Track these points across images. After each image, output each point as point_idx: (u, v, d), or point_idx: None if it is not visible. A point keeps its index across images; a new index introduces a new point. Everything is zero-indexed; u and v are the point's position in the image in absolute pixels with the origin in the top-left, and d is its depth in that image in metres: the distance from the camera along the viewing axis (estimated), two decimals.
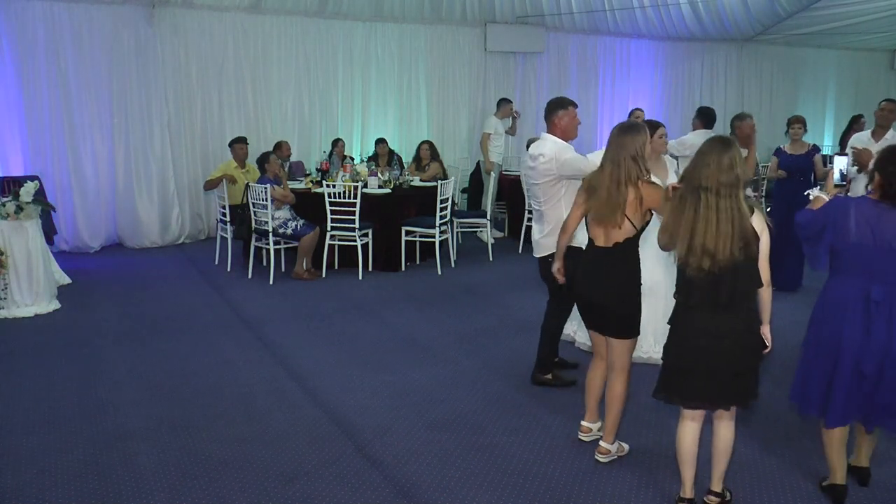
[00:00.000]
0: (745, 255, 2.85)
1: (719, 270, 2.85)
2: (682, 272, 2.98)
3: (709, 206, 2.84)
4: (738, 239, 2.83)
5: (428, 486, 3.43)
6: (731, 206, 2.84)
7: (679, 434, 3.17)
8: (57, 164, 8.23)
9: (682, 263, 2.94)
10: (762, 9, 11.27)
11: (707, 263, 2.84)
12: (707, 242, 2.83)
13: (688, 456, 3.15)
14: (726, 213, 2.83)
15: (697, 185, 2.88)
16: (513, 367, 4.94)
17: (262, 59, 9.32)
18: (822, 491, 3.38)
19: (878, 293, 3.01)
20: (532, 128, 11.10)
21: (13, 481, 3.44)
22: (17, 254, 5.95)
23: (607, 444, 3.66)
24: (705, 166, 2.87)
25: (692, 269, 2.89)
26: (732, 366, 2.96)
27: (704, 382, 2.99)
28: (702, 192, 2.86)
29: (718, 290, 2.89)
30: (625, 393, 3.60)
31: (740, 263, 2.85)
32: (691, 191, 2.91)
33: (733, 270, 2.86)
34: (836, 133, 13.68)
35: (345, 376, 4.74)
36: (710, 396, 3.02)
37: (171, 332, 5.62)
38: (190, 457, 3.67)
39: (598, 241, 3.50)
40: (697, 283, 2.92)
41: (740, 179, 2.86)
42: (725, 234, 2.82)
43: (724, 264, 2.83)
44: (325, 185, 7.09)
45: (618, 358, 3.57)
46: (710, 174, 2.85)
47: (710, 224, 2.83)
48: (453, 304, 6.42)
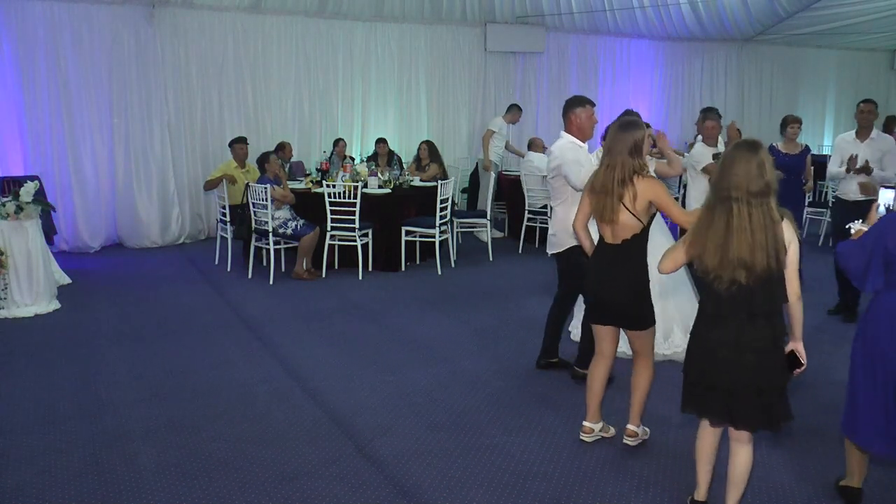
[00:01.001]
0: (778, 265, 2.74)
1: (753, 283, 2.74)
2: (710, 285, 2.84)
3: (741, 217, 2.71)
4: (772, 249, 2.71)
5: (428, 486, 3.43)
6: (764, 215, 2.72)
7: (699, 434, 3.10)
8: (57, 164, 8.23)
9: (714, 277, 2.80)
10: (762, 9, 11.28)
11: (743, 276, 2.73)
12: (743, 254, 2.71)
13: (705, 457, 3.09)
14: (760, 223, 2.71)
15: (727, 195, 2.75)
16: (513, 367, 4.94)
17: (262, 59, 9.32)
18: (836, 490, 3.36)
19: None
20: (532, 127, 11.11)
21: (13, 481, 3.44)
22: (17, 254, 5.95)
23: (634, 426, 3.76)
24: (733, 175, 2.74)
25: (724, 282, 2.77)
26: (756, 382, 2.82)
27: (727, 399, 2.87)
28: (733, 202, 2.73)
29: (752, 302, 2.78)
30: (651, 377, 3.70)
31: (774, 274, 2.74)
32: (721, 201, 2.77)
33: (766, 281, 2.75)
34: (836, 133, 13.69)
35: (345, 376, 4.75)
36: (734, 414, 2.89)
37: (171, 332, 5.62)
38: (190, 457, 3.67)
39: (607, 239, 3.57)
40: (728, 296, 2.80)
41: (771, 186, 2.74)
42: (761, 245, 2.70)
43: (759, 276, 2.73)
44: (325, 185, 7.09)
45: (641, 346, 3.68)
46: (739, 184, 2.72)
47: (744, 235, 2.70)
48: (453, 304, 6.42)
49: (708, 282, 2.84)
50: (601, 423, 3.91)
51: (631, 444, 3.76)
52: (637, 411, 3.75)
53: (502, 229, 9.66)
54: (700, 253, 2.83)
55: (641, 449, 3.79)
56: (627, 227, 3.46)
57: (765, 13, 11.41)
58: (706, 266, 2.81)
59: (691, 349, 3.00)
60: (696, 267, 2.91)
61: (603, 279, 3.61)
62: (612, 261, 3.57)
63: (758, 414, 2.87)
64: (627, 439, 3.77)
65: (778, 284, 2.79)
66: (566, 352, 5.23)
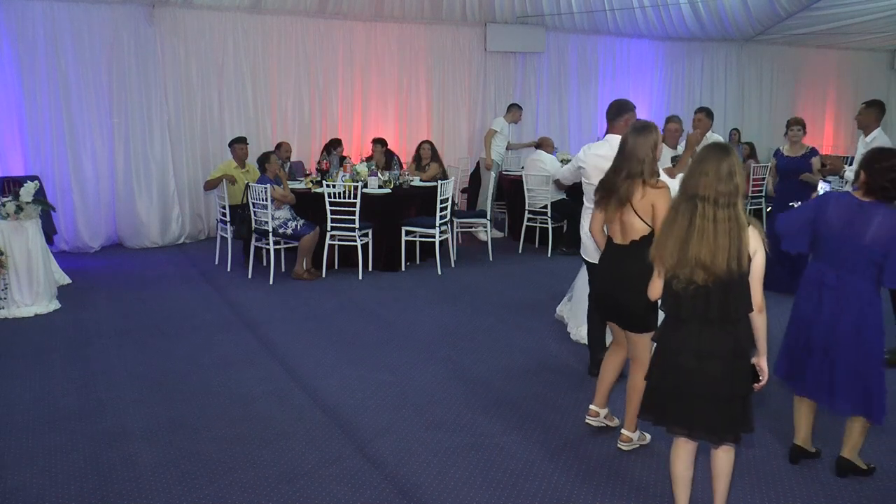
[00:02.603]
0: (739, 269, 2.69)
1: (712, 284, 2.70)
2: (668, 285, 2.83)
3: (705, 217, 2.68)
4: (734, 252, 2.66)
5: (428, 486, 3.43)
6: (730, 217, 2.68)
7: (672, 457, 3.02)
8: (57, 164, 8.23)
9: (671, 276, 2.78)
10: (762, 9, 11.28)
11: (700, 276, 2.70)
12: (702, 255, 2.67)
13: (681, 480, 3.01)
14: (724, 224, 2.67)
15: (694, 195, 2.73)
16: (513, 367, 4.94)
17: (262, 59, 9.32)
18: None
19: (831, 278, 3.27)
20: (532, 127, 11.12)
21: (13, 481, 3.44)
22: (17, 254, 5.95)
23: (629, 431, 3.76)
24: (703, 175, 2.71)
25: (681, 281, 2.74)
26: (716, 390, 2.78)
27: (687, 407, 2.83)
28: (699, 201, 2.71)
29: (708, 305, 2.74)
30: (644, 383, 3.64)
31: (734, 279, 2.69)
32: (687, 200, 2.75)
33: (725, 285, 2.70)
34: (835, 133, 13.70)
35: (345, 376, 4.75)
36: (692, 424, 2.84)
37: (170, 332, 5.62)
38: (190, 457, 3.67)
39: (616, 239, 3.60)
40: (685, 297, 2.77)
41: (740, 188, 2.71)
42: (723, 247, 2.66)
43: (718, 278, 2.69)
44: (325, 185, 7.09)
45: (637, 351, 3.68)
46: (708, 183, 2.69)
47: (706, 235, 2.67)
48: (453, 304, 6.42)
49: (667, 281, 2.83)
50: (606, 409, 3.97)
51: (625, 448, 3.76)
52: (632, 417, 3.74)
53: (502, 229, 9.66)
54: (661, 251, 2.80)
55: (641, 451, 3.79)
56: (635, 229, 3.49)
57: (765, 13, 11.41)
58: (665, 264, 2.79)
59: (655, 352, 2.98)
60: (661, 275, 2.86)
61: (608, 278, 3.66)
62: (618, 261, 3.61)
63: (716, 423, 2.82)
64: (622, 444, 3.77)
65: (740, 292, 2.73)
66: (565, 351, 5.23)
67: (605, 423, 3.98)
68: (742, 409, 2.84)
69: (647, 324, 3.60)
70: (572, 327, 5.51)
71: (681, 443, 2.99)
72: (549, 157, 8.54)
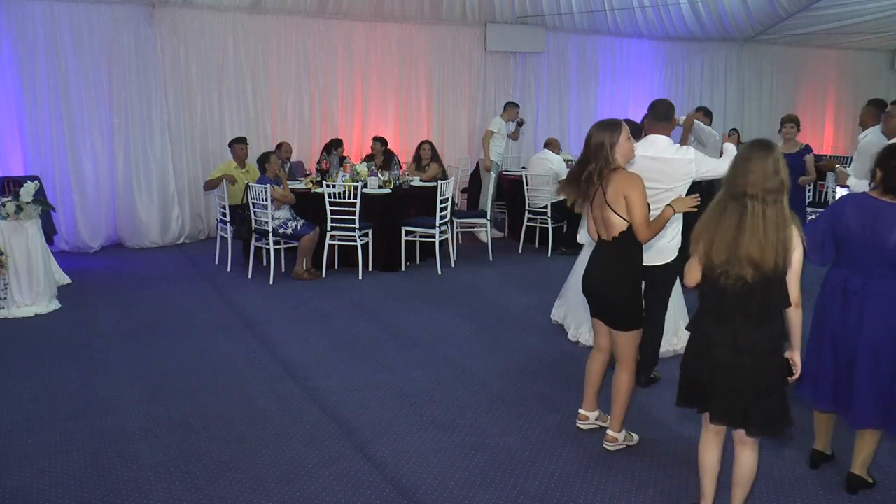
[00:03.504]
0: (786, 266, 2.73)
1: (756, 281, 2.74)
2: (714, 281, 2.83)
3: (755, 215, 2.71)
4: (781, 248, 2.71)
5: (428, 485, 3.43)
6: (777, 213, 2.72)
7: (701, 446, 3.07)
8: (57, 164, 8.23)
9: (720, 273, 2.78)
10: (762, 9, 11.28)
11: (750, 274, 2.72)
12: (752, 252, 2.70)
13: (709, 470, 3.05)
14: (773, 221, 2.71)
15: (742, 193, 2.75)
16: (513, 367, 4.94)
17: (262, 59, 9.32)
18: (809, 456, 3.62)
19: (854, 283, 3.17)
20: (532, 127, 11.12)
21: (13, 481, 3.44)
22: (17, 254, 5.95)
23: (614, 432, 3.75)
24: (749, 172, 2.74)
25: (730, 278, 2.76)
26: (751, 385, 2.81)
27: (723, 399, 2.87)
28: (748, 199, 2.73)
29: (750, 301, 2.77)
30: (630, 384, 3.68)
31: (778, 275, 2.74)
32: (734, 198, 2.77)
33: (768, 282, 2.74)
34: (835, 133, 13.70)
35: (345, 376, 4.75)
36: (730, 415, 2.88)
37: (171, 331, 5.62)
38: (190, 457, 3.67)
39: (601, 235, 3.61)
40: (731, 294, 2.79)
41: (785, 185, 2.75)
42: (772, 243, 2.70)
43: (764, 275, 2.72)
44: (325, 185, 7.09)
45: (622, 350, 3.67)
46: (756, 181, 2.72)
47: (756, 233, 2.70)
48: (453, 304, 6.42)
49: (713, 278, 2.83)
50: (597, 411, 3.97)
51: (611, 448, 3.74)
52: (618, 417, 3.73)
53: (502, 229, 9.66)
54: (708, 249, 2.81)
55: (640, 449, 3.79)
56: (614, 225, 3.49)
57: (765, 13, 11.41)
58: (713, 262, 2.80)
59: (691, 345, 3.00)
60: (703, 265, 2.88)
61: (593, 274, 3.67)
62: (603, 257, 3.63)
63: (753, 416, 2.84)
64: (607, 444, 3.75)
65: (779, 288, 2.78)
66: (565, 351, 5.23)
67: (599, 424, 3.97)
68: (780, 403, 2.86)
69: (631, 321, 3.60)
70: (570, 327, 5.50)
71: (710, 435, 3.03)
72: (556, 157, 8.54)
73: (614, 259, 3.57)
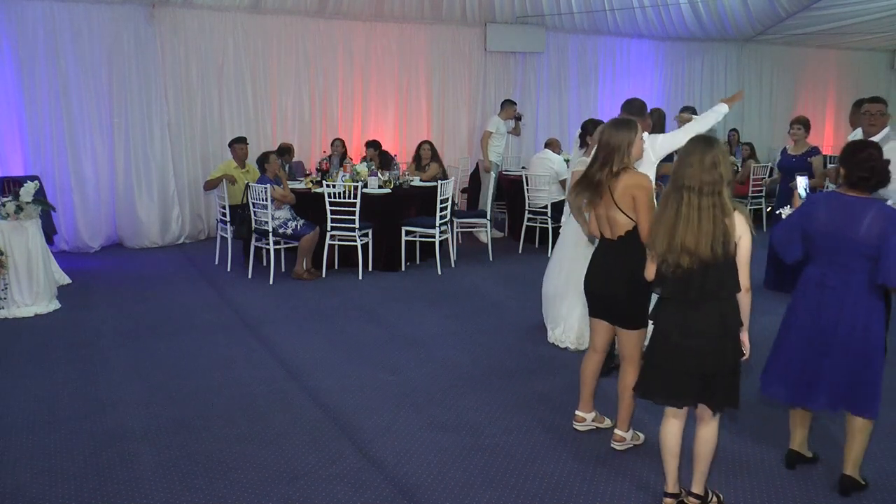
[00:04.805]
0: (725, 253, 2.88)
1: (693, 268, 2.90)
2: (659, 269, 3.03)
3: (690, 205, 2.88)
4: (719, 237, 2.86)
5: (428, 486, 3.43)
6: (714, 204, 2.88)
7: (662, 430, 3.22)
8: (57, 164, 8.23)
9: (662, 261, 2.98)
10: (762, 9, 11.28)
11: (686, 261, 2.89)
12: (687, 241, 2.87)
13: (670, 451, 3.21)
14: (708, 212, 2.87)
15: (681, 185, 2.93)
16: (513, 367, 4.94)
17: (262, 59, 9.32)
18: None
19: (832, 279, 3.23)
20: (532, 127, 11.12)
21: (13, 481, 3.44)
22: (17, 254, 5.95)
23: (622, 431, 3.77)
24: (688, 166, 2.91)
25: (669, 265, 2.94)
26: (704, 367, 2.98)
27: (679, 381, 3.04)
28: (685, 191, 2.90)
29: (696, 288, 2.94)
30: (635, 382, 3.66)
31: (719, 262, 2.88)
32: (675, 190, 2.95)
33: (707, 269, 2.90)
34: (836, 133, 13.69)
35: (345, 376, 4.74)
36: (684, 394, 3.06)
37: (171, 332, 5.62)
38: (189, 457, 3.67)
39: (606, 234, 3.64)
40: (674, 280, 2.98)
41: (724, 178, 2.89)
42: (707, 232, 2.86)
43: (702, 261, 2.88)
44: (325, 185, 7.09)
45: (626, 348, 3.69)
46: (694, 173, 2.89)
47: (690, 222, 2.87)
48: (453, 304, 6.42)
49: (659, 266, 3.02)
50: (594, 412, 3.99)
51: (619, 448, 3.76)
52: (625, 416, 3.75)
53: (502, 229, 9.66)
54: (653, 238, 3.01)
55: (640, 449, 3.79)
56: (619, 224, 3.53)
57: (765, 13, 11.41)
58: (656, 250, 2.98)
59: (654, 333, 3.15)
60: (648, 252, 3.09)
61: (598, 273, 3.70)
62: (607, 256, 3.65)
63: (708, 394, 3.02)
64: (615, 444, 3.78)
65: (725, 273, 2.92)
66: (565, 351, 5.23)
67: (595, 425, 3.99)
68: (732, 383, 3.03)
69: (637, 319, 3.62)
70: (549, 328, 5.46)
71: (669, 419, 3.20)
72: (557, 157, 8.53)
73: (619, 258, 3.58)
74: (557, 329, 5.33)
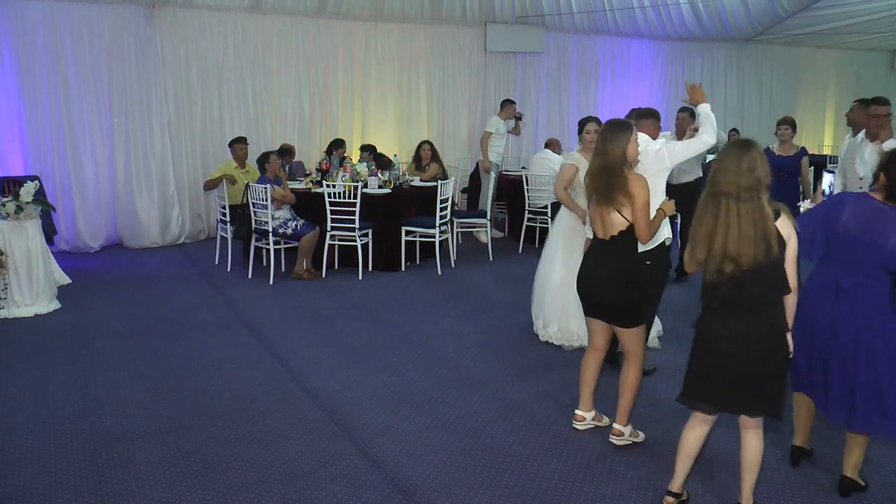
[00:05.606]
0: (769, 257, 2.82)
1: (742, 273, 2.82)
2: (705, 277, 2.96)
3: (729, 211, 2.82)
4: (761, 242, 2.80)
5: (428, 486, 3.43)
6: (754, 209, 2.81)
7: (685, 431, 3.16)
8: (57, 164, 8.23)
9: (703, 269, 2.92)
10: (762, 9, 11.28)
11: (729, 267, 2.83)
12: (729, 247, 2.81)
13: (688, 454, 3.15)
14: (748, 217, 2.80)
15: (719, 191, 2.86)
16: (513, 367, 4.94)
17: (262, 59, 9.32)
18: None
19: (848, 283, 3.15)
20: (532, 127, 11.12)
21: (13, 481, 3.44)
22: (17, 254, 5.95)
23: (621, 426, 3.77)
24: (725, 171, 2.85)
25: (711, 272, 2.88)
26: (756, 370, 2.91)
27: (729, 388, 2.96)
28: (722, 197, 2.84)
29: (743, 293, 2.86)
30: (637, 379, 3.73)
31: (765, 266, 2.82)
32: (713, 196, 2.88)
33: (757, 273, 2.83)
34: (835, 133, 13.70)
35: (345, 376, 4.74)
36: (734, 402, 2.98)
37: (171, 331, 5.62)
38: (190, 457, 3.67)
39: (599, 234, 3.66)
40: (719, 287, 2.89)
41: (762, 182, 2.83)
42: (748, 238, 2.79)
43: (747, 267, 2.81)
44: (325, 185, 7.09)
45: (628, 346, 3.70)
46: (731, 179, 2.83)
47: (731, 229, 2.81)
48: (453, 304, 6.42)
49: (702, 273, 2.97)
50: (593, 411, 4.00)
51: (617, 443, 3.78)
52: (624, 411, 3.76)
53: (502, 229, 9.66)
54: (693, 245, 2.96)
55: (640, 449, 3.79)
56: (614, 224, 3.55)
57: (765, 13, 11.41)
58: (697, 258, 2.93)
59: (696, 341, 3.07)
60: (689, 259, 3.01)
61: (590, 274, 3.72)
62: (600, 256, 3.67)
63: (757, 400, 2.95)
64: (613, 438, 3.79)
65: (773, 276, 2.86)
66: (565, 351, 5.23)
67: (595, 424, 4.00)
68: (780, 386, 2.97)
69: (635, 317, 3.63)
70: (539, 326, 5.44)
71: (697, 421, 3.12)
72: (557, 157, 8.52)
73: (610, 258, 3.61)
74: (551, 327, 5.32)
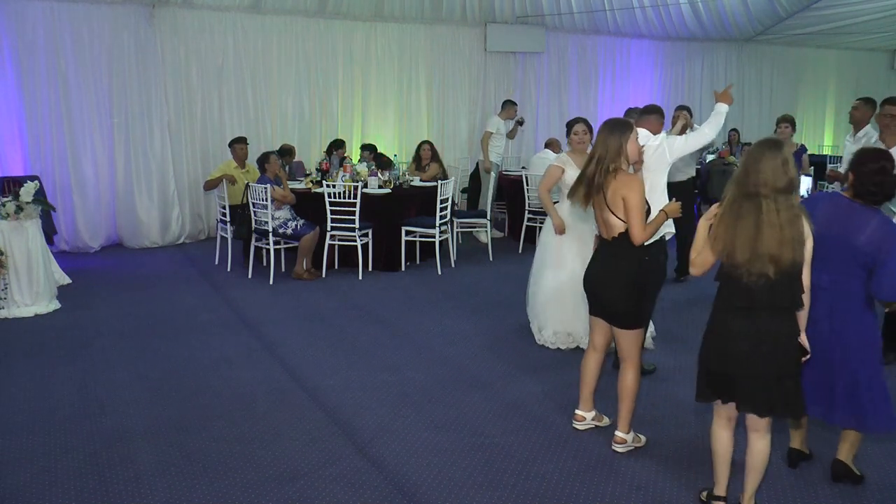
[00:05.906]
0: (801, 258, 2.84)
1: (777, 276, 2.81)
2: (737, 279, 2.89)
3: (770, 212, 2.79)
4: (797, 243, 2.80)
5: (428, 486, 3.43)
6: (789, 209, 2.80)
7: (713, 435, 3.17)
8: (57, 164, 8.23)
9: (744, 271, 2.85)
10: (762, 9, 11.28)
11: (771, 270, 2.80)
12: (772, 248, 2.78)
13: (722, 454, 3.15)
14: (787, 218, 2.79)
15: (755, 192, 2.82)
16: (513, 367, 4.94)
17: (262, 59, 9.32)
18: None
19: (824, 280, 3.17)
20: (532, 127, 11.12)
21: (13, 481, 3.44)
22: (17, 254, 5.95)
23: (623, 433, 3.75)
24: (759, 172, 2.81)
25: (754, 275, 2.83)
26: (773, 370, 2.90)
27: (748, 388, 2.95)
28: (762, 199, 2.80)
29: (776, 296, 2.85)
30: (636, 383, 3.70)
31: (795, 268, 2.83)
32: (747, 197, 2.84)
33: (788, 276, 2.83)
34: (836, 133, 13.70)
35: (345, 376, 4.74)
36: (754, 402, 2.96)
37: (171, 331, 5.62)
38: (190, 457, 3.67)
39: (603, 234, 3.67)
40: (756, 290, 2.86)
41: (794, 182, 2.82)
42: (788, 239, 2.78)
43: (784, 269, 2.81)
44: (325, 185, 7.09)
45: (625, 349, 3.68)
46: (766, 179, 2.79)
47: (774, 230, 2.78)
48: (453, 304, 6.42)
49: (736, 276, 2.89)
50: (593, 411, 3.99)
51: (620, 450, 3.74)
52: (625, 417, 3.73)
53: (502, 229, 9.66)
54: (730, 249, 2.88)
55: (640, 449, 3.78)
56: (613, 226, 3.55)
57: (765, 13, 11.41)
58: (736, 261, 2.86)
59: (710, 340, 3.05)
60: (724, 263, 2.94)
61: (595, 272, 3.72)
62: (605, 256, 3.68)
63: (776, 401, 2.94)
64: (616, 446, 3.75)
65: (797, 279, 2.88)
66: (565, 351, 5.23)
67: (595, 424, 3.99)
68: (797, 385, 2.96)
69: (635, 320, 3.62)
70: (535, 330, 5.41)
71: (722, 421, 3.13)
72: None
73: (614, 259, 3.62)
74: (545, 331, 5.30)
